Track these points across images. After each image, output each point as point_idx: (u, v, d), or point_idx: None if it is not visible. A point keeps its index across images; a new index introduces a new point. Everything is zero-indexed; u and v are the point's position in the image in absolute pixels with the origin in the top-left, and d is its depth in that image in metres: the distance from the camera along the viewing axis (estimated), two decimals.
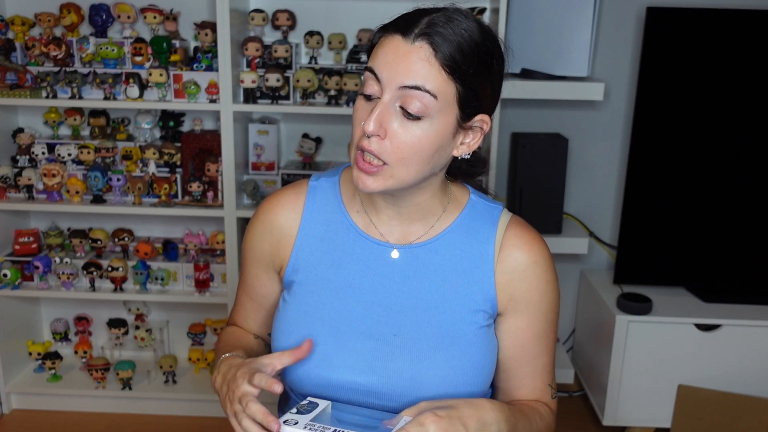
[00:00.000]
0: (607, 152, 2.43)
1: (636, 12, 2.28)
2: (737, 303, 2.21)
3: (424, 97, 0.89)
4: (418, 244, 1.03)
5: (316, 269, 1.04)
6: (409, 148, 0.91)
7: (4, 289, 2.28)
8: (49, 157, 2.27)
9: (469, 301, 1.01)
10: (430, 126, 0.91)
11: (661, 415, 2.19)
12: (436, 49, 0.89)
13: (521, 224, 1.06)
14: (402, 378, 0.98)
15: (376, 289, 1.02)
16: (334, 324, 1.01)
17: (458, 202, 1.06)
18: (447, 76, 0.90)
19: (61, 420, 2.35)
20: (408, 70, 0.89)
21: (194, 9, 2.25)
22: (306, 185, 1.09)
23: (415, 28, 0.90)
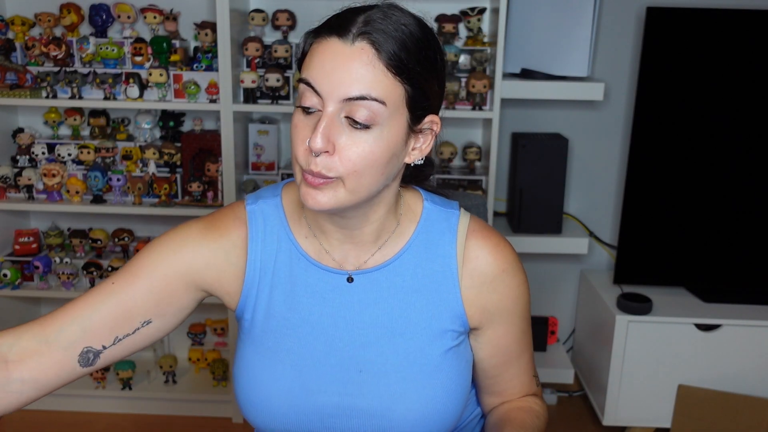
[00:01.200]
0: (607, 152, 2.43)
1: (636, 12, 2.28)
2: (737, 303, 2.21)
3: (372, 105, 0.81)
4: (374, 268, 0.95)
5: (271, 308, 0.95)
6: (361, 160, 0.82)
7: (4, 289, 2.28)
8: (49, 157, 2.27)
9: (436, 322, 0.95)
10: (381, 134, 0.83)
11: (661, 415, 2.19)
12: (378, 49, 0.81)
13: (481, 229, 0.98)
14: (373, 417, 0.93)
15: (337, 323, 0.94)
16: (296, 366, 0.94)
17: (413, 213, 0.97)
18: (393, 77, 0.82)
19: (61, 420, 2.35)
20: (350, 78, 0.80)
21: (194, 9, 2.25)
22: (242, 210, 0.98)
23: (352, 27, 0.81)
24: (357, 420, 0.94)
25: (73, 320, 0.93)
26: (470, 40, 2.21)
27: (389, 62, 0.81)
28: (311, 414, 0.94)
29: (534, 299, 2.57)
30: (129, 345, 0.95)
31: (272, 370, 0.94)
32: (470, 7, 2.19)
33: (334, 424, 0.94)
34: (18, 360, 0.90)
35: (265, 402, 0.94)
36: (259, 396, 0.95)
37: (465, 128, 2.36)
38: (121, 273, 0.95)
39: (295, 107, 0.86)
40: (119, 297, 0.93)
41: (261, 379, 0.95)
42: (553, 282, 2.54)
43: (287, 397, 0.94)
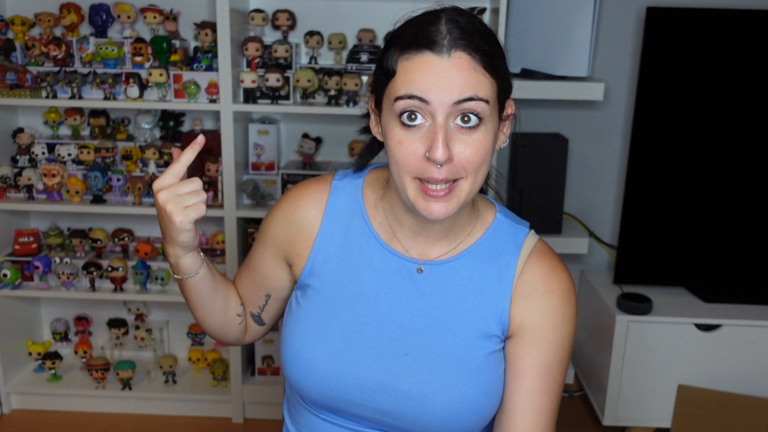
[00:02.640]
0: (607, 152, 2.43)
1: (636, 12, 2.28)
2: (737, 303, 2.21)
3: (479, 105, 0.86)
4: (439, 262, 1.00)
5: (334, 276, 1.01)
6: (478, 158, 0.88)
7: (4, 289, 2.28)
8: (49, 157, 2.27)
9: (484, 325, 0.98)
10: (486, 129, 0.89)
11: (661, 415, 2.19)
12: (472, 54, 0.86)
13: (545, 251, 1.02)
14: (411, 400, 0.96)
15: (392, 304, 0.99)
16: (346, 335, 0.99)
17: (484, 219, 1.03)
18: (489, 75, 0.88)
19: (61, 420, 2.35)
20: (456, 84, 0.85)
21: (194, 9, 2.25)
22: (329, 183, 1.05)
23: (441, 40, 0.86)
24: (395, 400, 0.97)
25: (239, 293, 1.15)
26: None
27: (484, 63, 0.87)
28: (352, 385, 0.97)
29: None
30: (271, 312, 1.14)
31: (324, 336, 0.99)
32: (470, 7, 2.17)
33: (372, 399, 0.97)
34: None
35: (310, 364, 0.99)
36: (306, 357, 0.99)
37: None
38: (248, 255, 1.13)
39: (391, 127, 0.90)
40: (245, 279, 1.13)
41: (311, 342, 0.99)
42: None
43: (333, 363, 0.98)
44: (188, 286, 1.05)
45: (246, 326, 1.15)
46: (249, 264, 1.12)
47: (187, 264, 1.03)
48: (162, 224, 0.98)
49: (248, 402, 2.37)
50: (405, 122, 0.88)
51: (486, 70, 0.87)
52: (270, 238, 1.07)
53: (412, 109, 0.87)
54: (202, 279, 1.05)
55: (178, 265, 1.02)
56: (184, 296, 1.08)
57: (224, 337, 1.14)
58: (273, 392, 2.34)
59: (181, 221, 0.95)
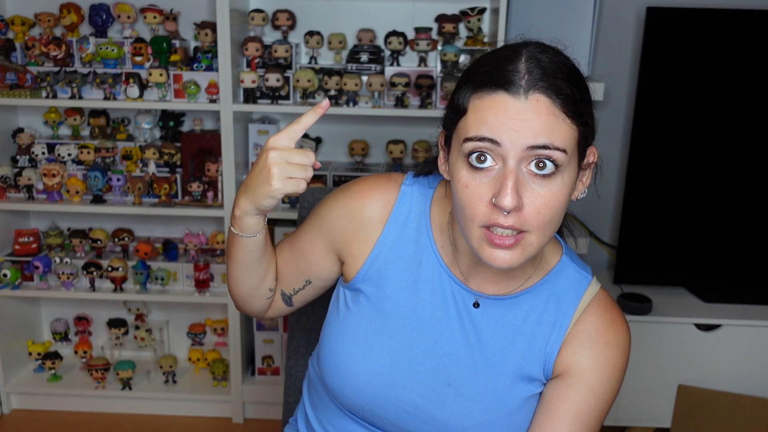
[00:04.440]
0: (607, 152, 2.43)
1: (636, 12, 2.28)
2: (737, 303, 2.21)
3: (554, 154, 0.80)
4: (495, 298, 0.95)
5: (389, 287, 0.97)
6: (549, 211, 0.82)
7: (4, 289, 2.28)
8: (49, 157, 2.27)
9: (529, 367, 0.95)
10: (563, 180, 0.82)
11: (661, 415, 2.19)
12: (552, 97, 0.80)
13: (606, 301, 0.97)
14: (446, 430, 0.95)
15: (443, 331, 0.96)
16: (393, 354, 0.96)
17: (548, 262, 0.98)
18: (570, 121, 0.81)
19: (61, 420, 2.35)
20: (532, 128, 0.79)
21: (194, 9, 2.25)
22: (398, 186, 0.99)
23: (518, 80, 0.80)
24: (429, 427, 0.95)
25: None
26: (470, 40, 2.21)
27: (565, 108, 0.80)
28: (390, 405, 0.96)
29: None
30: (304, 298, 1.09)
31: (370, 349, 0.96)
32: (470, 7, 2.19)
33: (407, 422, 0.96)
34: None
35: (352, 375, 0.96)
36: (349, 367, 0.97)
37: None
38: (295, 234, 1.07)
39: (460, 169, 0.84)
40: (287, 258, 1.06)
41: (356, 352, 0.97)
42: None
43: (374, 380, 0.95)
44: (239, 244, 0.98)
45: (272, 302, 1.10)
46: (295, 245, 1.05)
47: (251, 224, 0.95)
48: (253, 178, 0.90)
49: (248, 402, 2.37)
50: (473, 164, 0.82)
51: (567, 115, 0.81)
52: (326, 228, 1.01)
53: (482, 151, 0.81)
54: (256, 243, 0.98)
55: (242, 220, 0.95)
56: (229, 252, 1.02)
57: (247, 306, 1.09)
58: (273, 392, 2.34)
59: (277, 189, 0.87)
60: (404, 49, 2.19)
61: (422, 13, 2.25)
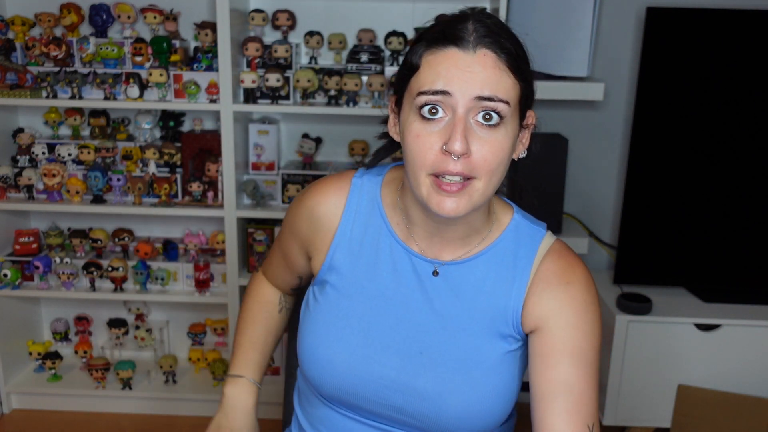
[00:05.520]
0: (607, 152, 2.43)
1: (636, 12, 2.28)
2: (737, 303, 2.21)
3: (499, 106, 0.86)
4: (454, 263, 1.00)
5: (352, 273, 1.02)
6: (495, 158, 0.88)
7: (4, 289, 2.28)
8: (49, 157, 2.27)
9: (498, 324, 0.98)
10: (506, 131, 0.89)
11: (661, 415, 2.19)
12: (497, 53, 0.87)
13: (562, 250, 1.00)
14: (425, 398, 0.97)
15: (409, 304, 1.00)
16: (363, 333, 1.00)
17: (501, 222, 1.02)
18: (513, 77, 0.88)
19: (61, 420, 2.35)
20: (479, 79, 0.86)
21: (194, 9, 2.25)
22: (350, 180, 1.06)
23: (467, 36, 0.87)
24: (409, 398, 0.98)
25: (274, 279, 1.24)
26: None
27: (509, 63, 0.88)
28: (368, 382, 0.99)
29: None
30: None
31: (341, 332, 1.00)
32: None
33: (387, 396, 0.99)
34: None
35: (327, 361, 1.00)
36: (324, 354, 1.00)
37: None
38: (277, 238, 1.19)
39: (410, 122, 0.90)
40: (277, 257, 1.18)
41: (328, 339, 1.01)
42: None
43: (349, 360, 0.99)
44: None
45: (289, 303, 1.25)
46: (282, 251, 1.16)
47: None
48: None
49: None
50: (425, 116, 0.88)
51: (510, 70, 0.88)
52: (294, 231, 1.10)
53: (434, 103, 0.87)
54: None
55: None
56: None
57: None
58: (273, 392, 2.34)
59: None
60: (404, 49, 2.19)
61: (422, 13, 2.24)
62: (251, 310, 1.22)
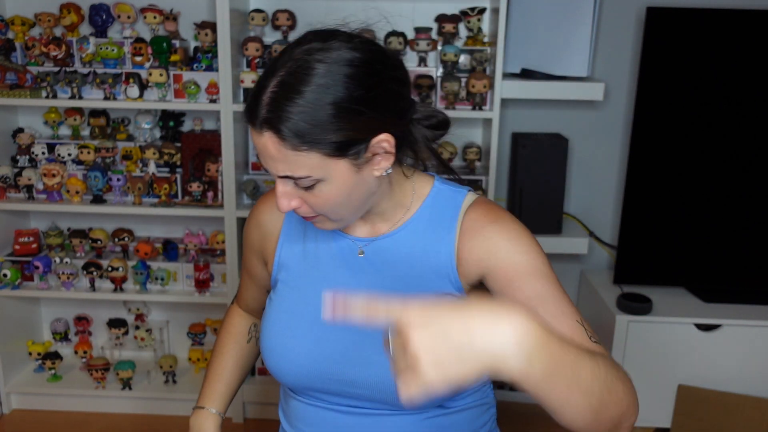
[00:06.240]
0: (607, 152, 2.43)
1: (636, 12, 2.28)
2: (737, 303, 2.21)
3: (299, 181, 0.89)
4: (381, 237, 1.04)
5: (298, 267, 1.08)
6: (327, 204, 0.92)
7: (4, 289, 2.28)
8: (49, 157, 2.27)
9: (435, 285, 1.01)
10: (330, 184, 0.90)
11: (661, 415, 2.19)
12: (278, 135, 0.85)
13: (484, 203, 1.03)
14: (373, 365, 1.00)
15: (349, 283, 1.05)
16: (311, 317, 1.04)
17: (422, 192, 1.05)
18: (305, 152, 0.86)
19: (61, 420, 2.35)
20: (273, 160, 0.88)
21: (194, 9, 2.25)
22: None
23: (257, 111, 0.87)
24: (359, 368, 1.01)
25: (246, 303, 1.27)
26: (470, 40, 2.21)
27: (293, 145, 0.86)
28: (320, 362, 1.03)
29: None
30: None
31: (292, 321, 1.06)
32: (470, 7, 2.19)
33: (340, 372, 1.02)
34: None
35: (282, 349, 1.05)
36: (279, 343, 1.06)
37: (465, 128, 2.36)
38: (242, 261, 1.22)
39: None
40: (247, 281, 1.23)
41: (282, 329, 1.06)
42: None
43: (301, 344, 1.04)
44: None
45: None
46: (247, 270, 1.21)
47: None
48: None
49: (248, 402, 2.37)
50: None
51: (299, 149, 0.86)
52: (250, 245, 1.16)
53: None
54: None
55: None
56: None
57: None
58: (273, 392, 2.34)
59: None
60: (404, 49, 2.19)
61: (422, 13, 2.25)
62: (221, 342, 1.27)
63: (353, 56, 0.89)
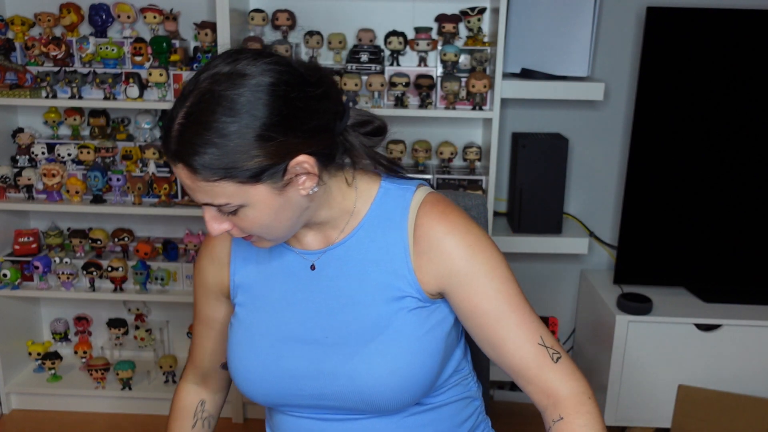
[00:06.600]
0: (607, 152, 2.43)
1: (636, 12, 2.28)
2: (737, 303, 2.21)
3: (221, 207, 0.89)
4: (333, 246, 1.02)
5: (254, 288, 1.06)
6: (255, 226, 0.92)
7: (4, 289, 2.28)
8: (49, 157, 2.27)
9: (393, 289, 1.00)
10: (254, 208, 0.89)
11: (661, 415, 2.19)
12: (189, 168, 0.85)
13: (433, 201, 1.01)
14: (339, 377, 0.99)
15: (307, 297, 1.03)
16: (271, 336, 1.03)
17: (367, 195, 1.03)
18: (220, 182, 0.85)
19: (61, 420, 2.35)
20: (191, 190, 0.89)
21: (194, 9, 2.25)
22: None
23: (167, 143, 0.86)
24: (324, 382, 1.00)
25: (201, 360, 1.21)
26: (470, 40, 2.21)
27: (205, 177, 0.85)
28: (287, 378, 1.02)
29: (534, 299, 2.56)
30: None
31: (253, 342, 1.04)
32: (470, 7, 2.19)
33: (306, 386, 1.01)
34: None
35: (247, 371, 1.04)
36: (244, 365, 1.04)
37: (465, 128, 2.36)
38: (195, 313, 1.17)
39: None
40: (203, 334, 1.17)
41: (245, 351, 1.05)
42: (553, 282, 2.54)
43: (264, 363, 1.03)
44: None
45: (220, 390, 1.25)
46: (202, 320, 1.16)
47: None
48: None
49: (248, 402, 2.37)
50: None
51: (211, 180, 0.85)
52: (206, 286, 1.12)
53: None
54: None
55: None
56: None
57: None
58: None
59: None
60: (404, 49, 2.19)
61: (422, 13, 2.25)
62: (168, 427, 1.26)
63: (260, 81, 0.85)
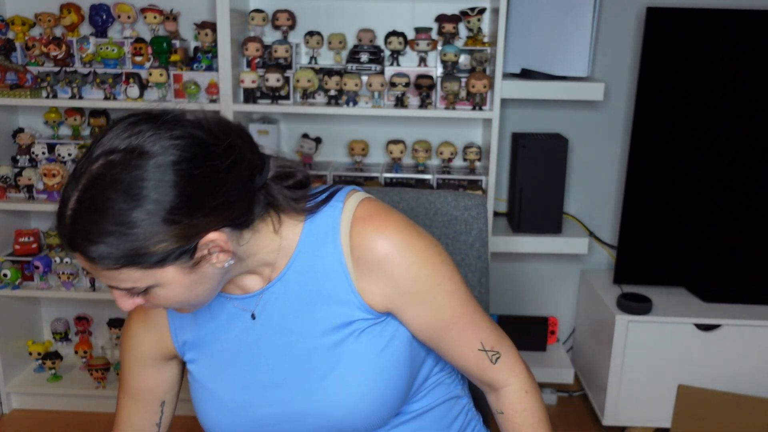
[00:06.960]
0: (607, 152, 2.43)
1: (636, 12, 2.28)
2: (737, 303, 2.21)
3: (127, 291, 0.84)
4: (270, 286, 0.97)
5: (203, 343, 1.02)
6: (169, 302, 0.87)
7: (4, 289, 2.28)
8: (50, 157, 2.27)
9: (339, 317, 0.95)
10: (165, 288, 0.84)
11: (661, 415, 2.19)
12: (88, 259, 0.80)
13: (365, 215, 0.94)
14: (308, 415, 0.97)
15: (257, 342, 0.99)
16: (233, 387, 1.00)
17: (294, 231, 0.96)
18: (122, 269, 0.80)
19: (61, 420, 2.35)
20: (95, 275, 0.83)
21: (194, 9, 2.25)
22: None
23: (62, 228, 0.82)
24: (296, 423, 0.98)
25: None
26: (470, 40, 2.21)
27: (106, 266, 0.80)
28: (254, 425, 1.00)
29: (534, 299, 2.57)
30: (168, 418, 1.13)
31: (214, 399, 1.02)
32: (470, 7, 2.19)
33: (279, 429, 0.99)
34: None
35: (215, 426, 1.02)
36: (212, 422, 1.03)
37: (465, 128, 2.36)
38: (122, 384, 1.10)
39: None
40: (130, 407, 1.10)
41: (210, 407, 1.02)
42: (553, 282, 2.54)
43: (229, 417, 1.00)
44: None
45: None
46: (132, 394, 1.09)
47: None
48: None
49: None
50: None
51: (112, 268, 0.80)
52: (137, 356, 1.06)
53: None
54: None
55: None
56: None
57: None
58: None
59: None
60: (404, 49, 2.19)
61: (422, 13, 2.25)
62: None
63: (161, 161, 0.78)
